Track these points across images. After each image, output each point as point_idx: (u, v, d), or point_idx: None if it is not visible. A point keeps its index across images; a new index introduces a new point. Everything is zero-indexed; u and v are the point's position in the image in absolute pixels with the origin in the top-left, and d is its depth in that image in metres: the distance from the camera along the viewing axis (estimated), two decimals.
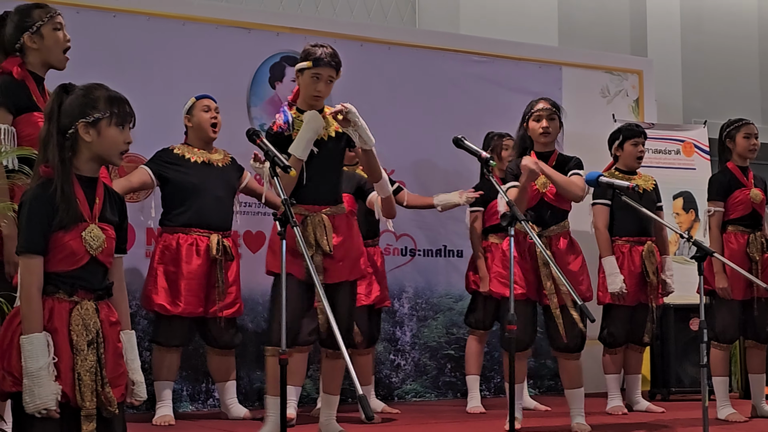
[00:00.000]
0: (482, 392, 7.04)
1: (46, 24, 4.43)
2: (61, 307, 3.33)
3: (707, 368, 4.93)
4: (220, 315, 5.81)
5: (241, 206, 6.41)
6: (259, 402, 6.71)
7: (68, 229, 3.34)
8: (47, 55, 4.45)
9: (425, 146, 7.51)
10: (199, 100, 6.02)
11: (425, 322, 7.50)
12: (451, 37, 8.14)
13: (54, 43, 4.45)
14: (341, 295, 4.94)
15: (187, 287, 5.74)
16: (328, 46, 4.97)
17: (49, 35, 4.43)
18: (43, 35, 4.42)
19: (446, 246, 7.61)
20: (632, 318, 6.59)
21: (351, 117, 4.82)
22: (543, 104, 5.63)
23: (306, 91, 4.96)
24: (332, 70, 4.92)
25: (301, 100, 5.03)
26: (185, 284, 5.74)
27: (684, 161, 8.32)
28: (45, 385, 3.19)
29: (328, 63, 4.89)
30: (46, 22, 4.43)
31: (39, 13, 4.45)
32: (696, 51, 10.46)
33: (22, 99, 4.33)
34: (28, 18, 4.44)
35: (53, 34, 4.45)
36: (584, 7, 10.02)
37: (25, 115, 4.31)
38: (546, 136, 5.60)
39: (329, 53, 4.91)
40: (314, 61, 4.87)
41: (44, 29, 4.42)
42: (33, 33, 4.41)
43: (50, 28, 4.44)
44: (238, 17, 7.09)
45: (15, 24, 4.44)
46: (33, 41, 4.42)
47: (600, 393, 6.77)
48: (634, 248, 6.55)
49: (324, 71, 4.89)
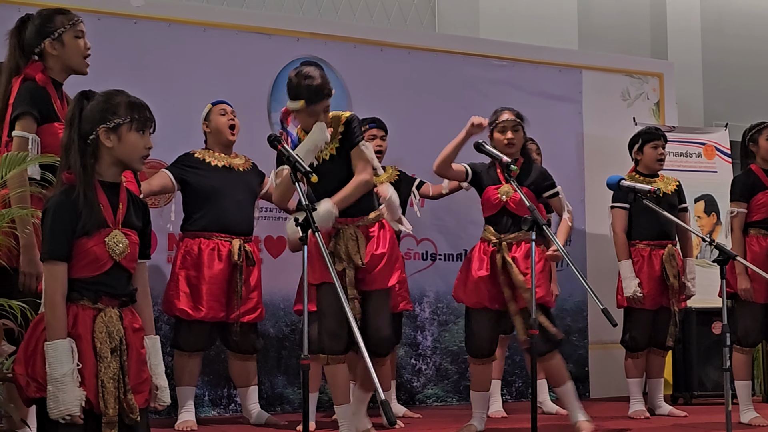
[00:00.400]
0: (503, 396, 7.03)
1: (67, 31, 4.40)
2: (85, 314, 3.35)
3: (730, 372, 4.90)
4: (241, 320, 5.81)
5: (262, 211, 6.42)
6: (281, 407, 6.73)
7: (91, 235, 3.35)
8: (68, 62, 4.42)
9: None
10: (215, 106, 6.05)
11: (446, 326, 7.49)
12: (470, 41, 8.13)
13: (75, 51, 4.42)
14: (378, 302, 4.95)
15: (209, 292, 5.75)
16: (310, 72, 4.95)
17: (70, 42, 4.40)
18: (64, 42, 4.39)
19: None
20: (654, 322, 6.57)
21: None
22: (507, 115, 5.68)
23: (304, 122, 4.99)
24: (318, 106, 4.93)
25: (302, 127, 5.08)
26: (207, 289, 5.75)
27: (705, 164, 8.28)
28: (69, 391, 3.21)
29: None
30: (68, 29, 4.40)
31: (61, 20, 4.41)
32: (717, 53, 10.42)
33: (45, 107, 4.29)
34: (49, 24, 4.40)
35: (74, 41, 4.42)
36: (604, 10, 9.99)
37: (46, 126, 4.27)
38: (511, 147, 5.62)
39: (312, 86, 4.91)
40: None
41: (65, 36, 4.39)
42: (54, 39, 4.38)
43: (71, 35, 4.41)
44: (259, 23, 7.11)
45: (36, 28, 4.40)
46: (53, 48, 4.39)
47: (622, 397, 6.76)
48: (654, 252, 6.53)
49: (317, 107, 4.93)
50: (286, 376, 6.82)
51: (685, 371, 7.38)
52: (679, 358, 7.43)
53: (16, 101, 4.27)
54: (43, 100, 4.30)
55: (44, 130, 4.27)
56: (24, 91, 4.28)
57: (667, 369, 7.28)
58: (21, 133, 4.22)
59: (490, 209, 5.62)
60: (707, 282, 7.08)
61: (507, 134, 5.61)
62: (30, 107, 4.24)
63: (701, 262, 7.78)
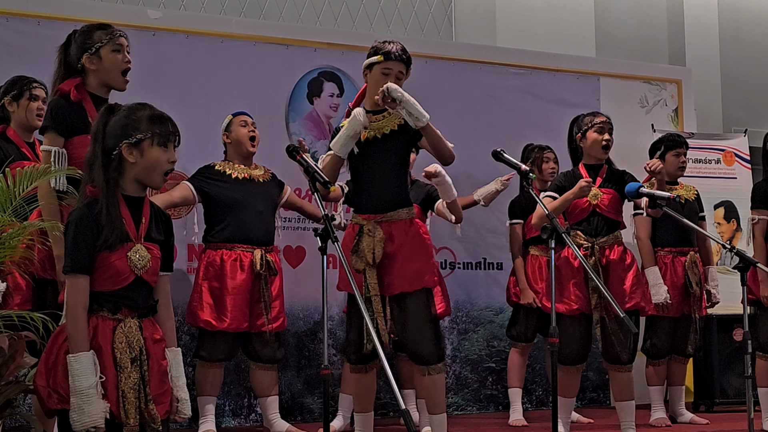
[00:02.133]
0: (524, 405, 7.01)
1: (105, 45, 4.45)
2: (104, 325, 3.37)
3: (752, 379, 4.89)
4: (268, 329, 5.81)
5: (282, 221, 6.42)
6: (301, 416, 6.73)
7: (113, 249, 3.37)
8: (106, 77, 4.47)
9: (463, 159, 7.39)
10: (235, 117, 6.05)
11: (466, 335, 7.48)
12: (488, 50, 8.13)
13: (111, 65, 4.46)
14: (405, 307, 4.63)
15: (232, 302, 5.75)
16: (398, 42, 4.75)
17: (107, 57, 4.45)
18: (101, 56, 4.44)
19: (486, 259, 7.60)
20: (675, 329, 6.55)
21: (394, 94, 4.47)
22: (604, 117, 5.71)
23: (374, 86, 4.66)
24: (402, 66, 4.68)
25: (368, 98, 4.77)
26: (230, 300, 5.75)
27: (725, 170, 8.26)
28: (94, 403, 3.22)
29: (399, 57, 4.66)
30: (105, 43, 4.45)
31: (100, 35, 4.47)
32: (735, 59, 10.40)
33: (75, 121, 4.35)
34: (89, 39, 4.46)
35: (111, 55, 4.46)
36: (621, 17, 9.99)
37: (79, 137, 4.33)
38: (607, 149, 5.65)
39: (400, 48, 4.69)
40: (385, 55, 4.65)
41: (103, 50, 4.44)
42: (92, 54, 4.44)
43: (109, 49, 4.45)
44: (276, 33, 7.12)
45: (78, 44, 4.47)
46: (92, 62, 4.44)
47: (643, 405, 6.73)
48: (677, 259, 6.51)
49: (395, 66, 4.66)
50: (307, 386, 6.82)
51: (707, 378, 7.35)
52: (700, 365, 7.40)
53: (44, 117, 4.41)
54: (71, 114, 4.36)
55: (76, 142, 4.34)
56: (51, 106, 4.39)
57: (689, 376, 7.25)
58: (44, 147, 4.35)
59: (579, 214, 5.58)
60: (728, 289, 7.05)
61: (605, 135, 5.64)
62: (53, 122, 4.34)
63: (721, 268, 7.74)
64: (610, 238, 5.56)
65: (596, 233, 5.55)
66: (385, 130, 4.70)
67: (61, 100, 4.39)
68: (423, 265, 4.65)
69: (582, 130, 5.68)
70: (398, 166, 4.74)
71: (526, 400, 7.31)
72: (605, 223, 5.57)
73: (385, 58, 4.65)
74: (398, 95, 4.46)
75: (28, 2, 6.24)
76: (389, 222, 4.67)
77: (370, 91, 4.73)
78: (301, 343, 6.83)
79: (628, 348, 5.42)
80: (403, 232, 4.67)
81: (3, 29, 6.12)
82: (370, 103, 4.74)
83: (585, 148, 5.68)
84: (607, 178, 5.64)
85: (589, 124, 5.66)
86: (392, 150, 4.72)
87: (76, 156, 4.29)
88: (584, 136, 5.67)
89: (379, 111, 4.73)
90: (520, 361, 6.71)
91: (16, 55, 6.01)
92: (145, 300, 3.47)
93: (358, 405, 4.86)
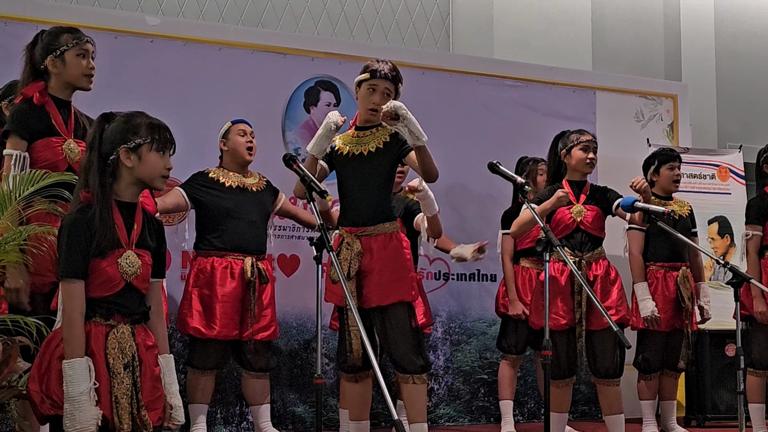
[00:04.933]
0: (516, 417, 7.01)
1: (70, 49, 4.42)
2: (97, 331, 3.37)
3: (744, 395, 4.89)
4: (255, 338, 5.80)
5: (276, 230, 6.42)
6: (293, 426, 6.72)
7: (105, 255, 3.38)
8: (68, 78, 4.46)
9: (459, 170, 7.51)
10: (235, 125, 6.04)
11: (458, 346, 7.49)
12: (485, 62, 8.15)
13: (74, 70, 4.44)
14: (385, 319, 4.73)
15: (222, 310, 5.75)
16: (390, 62, 4.90)
17: (71, 61, 4.43)
18: (65, 60, 4.43)
19: (480, 270, 7.61)
20: (667, 344, 6.55)
21: (399, 111, 4.64)
22: (589, 136, 5.77)
23: (363, 103, 4.88)
24: (389, 83, 4.83)
25: (359, 115, 4.96)
26: (220, 307, 5.75)
27: (719, 186, 8.28)
28: (86, 409, 3.22)
29: (385, 75, 4.81)
30: (70, 47, 4.42)
31: (66, 38, 4.44)
32: (731, 75, 10.43)
33: (38, 124, 4.37)
34: (55, 41, 4.44)
35: (75, 60, 4.44)
36: (618, 32, 10.02)
37: (42, 140, 4.36)
38: (592, 167, 5.75)
39: (389, 67, 4.85)
40: (371, 73, 4.82)
41: (67, 54, 4.42)
42: (56, 57, 4.42)
43: (74, 53, 4.43)
44: (274, 42, 7.13)
45: (43, 45, 4.46)
46: (54, 65, 4.42)
47: (635, 419, 6.73)
48: (669, 273, 6.51)
49: (380, 83, 4.81)
50: (299, 395, 6.82)
51: (699, 393, 7.36)
52: (692, 380, 7.41)
53: (7, 121, 4.41)
54: (34, 118, 4.37)
55: (40, 145, 4.36)
56: (14, 111, 4.40)
57: (680, 391, 7.26)
58: (7, 151, 4.35)
59: (563, 230, 5.66)
60: (721, 304, 7.06)
61: (589, 153, 5.71)
62: (15, 126, 4.36)
63: (714, 284, 7.76)
64: (594, 253, 5.64)
65: (581, 248, 5.64)
66: (371, 147, 4.86)
67: (24, 104, 4.39)
68: (399, 279, 4.77)
69: (567, 147, 5.74)
70: (381, 182, 4.87)
71: (517, 413, 7.31)
72: (589, 238, 5.66)
73: (371, 75, 4.83)
74: (403, 113, 4.63)
75: (26, 7, 6.25)
76: (369, 236, 4.80)
77: (360, 107, 4.92)
78: (294, 352, 6.83)
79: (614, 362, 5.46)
80: (382, 246, 4.79)
81: (2, 33, 6.13)
82: (362, 120, 4.92)
83: (570, 165, 5.74)
84: (591, 195, 5.72)
85: (575, 142, 5.72)
86: (376, 167, 4.85)
87: (39, 159, 4.34)
88: (569, 152, 5.73)
89: (367, 127, 4.91)
90: (511, 373, 6.71)
91: (14, 59, 6.00)
92: (136, 306, 3.47)
93: (353, 413, 4.95)
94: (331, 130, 4.78)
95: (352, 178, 4.86)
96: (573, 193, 5.68)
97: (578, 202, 5.67)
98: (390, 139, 4.85)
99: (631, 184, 5.74)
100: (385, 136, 4.85)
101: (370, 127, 4.91)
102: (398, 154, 4.85)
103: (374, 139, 4.87)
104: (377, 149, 4.84)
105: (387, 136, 4.85)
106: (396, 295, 4.73)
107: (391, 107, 4.64)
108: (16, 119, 4.36)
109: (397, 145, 4.84)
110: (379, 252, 4.77)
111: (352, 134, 4.95)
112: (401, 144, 4.84)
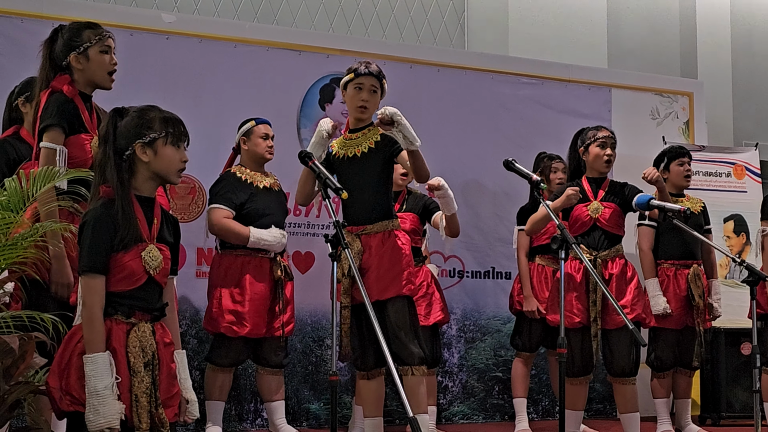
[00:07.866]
0: (530, 415, 7.00)
1: (93, 45, 4.42)
2: (118, 329, 3.38)
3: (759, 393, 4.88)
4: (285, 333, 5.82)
5: (291, 227, 6.42)
6: (308, 422, 6.73)
7: (128, 249, 3.38)
8: (91, 76, 4.44)
9: (474, 168, 7.52)
10: (258, 126, 6.01)
11: (473, 343, 7.48)
12: (500, 59, 8.14)
13: (98, 66, 4.44)
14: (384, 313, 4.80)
15: (254, 308, 5.74)
16: (372, 62, 5.03)
17: (95, 57, 4.43)
18: (89, 56, 4.42)
19: (494, 268, 7.60)
20: (679, 342, 6.53)
21: (395, 117, 4.80)
22: (607, 132, 5.74)
23: (351, 103, 5.01)
24: (373, 79, 4.96)
25: (350, 117, 5.09)
26: (251, 306, 5.75)
27: (735, 184, 8.25)
28: (110, 404, 3.24)
29: (368, 72, 4.94)
30: (93, 43, 4.42)
31: (88, 34, 4.44)
32: (747, 73, 10.39)
33: (73, 119, 4.33)
34: (77, 37, 4.43)
35: (99, 56, 4.44)
36: (634, 29, 9.99)
37: (73, 137, 4.32)
38: (609, 164, 5.70)
39: (372, 66, 4.98)
40: (355, 72, 4.95)
41: (91, 51, 4.42)
42: (79, 53, 4.41)
43: (97, 50, 4.43)
44: (289, 39, 7.14)
45: (64, 41, 4.44)
46: (78, 61, 4.41)
47: (649, 417, 6.72)
48: (680, 271, 6.48)
49: (365, 80, 4.94)
50: (313, 391, 6.83)
51: (714, 392, 7.34)
52: (707, 378, 7.39)
53: (43, 113, 4.31)
54: (70, 112, 4.34)
55: (71, 142, 4.32)
56: (52, 103, 4.32)
57: (695, 389, 7.24)
58: (48, 144, 4.26)
59: (580, 227, 5.64)
60: (736, 302, 7.04)
61: (607, 150, 5.68)
62: (58, 119, 4.28)
63: (730, 282, 7.74)
64: (611, 252, 5.60)
65: (597, 246, 5.59)
66: (363, 148, 4.99)
67: (61, 96, 4.34)
68: (396, 275, 4.89)
69: (585, 144, 5.72)
70: (378, 180, 5.00)
71: (532, 410, 7.31)
72: (606, 236, 5.61)
73: (355, 75, 4.96)
74: (398, 119, 4.80)
75: (43, 4, 6.26)
76: (368, 234, 4.93)
77: (349, 108, 5.07)
78: (309, 348, 6.84)
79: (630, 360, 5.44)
80: (380, 243, 4.92)
81: (18, 30, 6.15)
82: (353, 121, 5.07)
83: (588, 162, 5.72)
84: (609, 192, 5.67)
85: (593, 138, 5.69)
86: (370, 166, 4.99)
87: (70, 156, 4.28)
88: (587, 149, 5.70)
89: (358, 129, 5.05)
90: (524, 371, 6.70)
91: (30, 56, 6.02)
92: (156, 302, 3.48)
93: (366, 410, 5.01)
94: (324, 137, 4.97)
95: (349, 179, 4.97)
96: (591, 190, 5.65)
97: (596, 198, 5.64)
98: (381, 138, 4.99)
99: (643, 176, 5.72)
100: (376, 136, 4.99)
101: (362, 128, 5.03)
102: (390, 153, 4.98)
103: (366, 140, 5.00)
104: (369, 149, 4.98)
105: (378, 135, 4.99)
106: (393, 290, 4.85)
107: (386, 114, 4.80)
108: (59, 111, 4.29)
109: (389, 145, 4.97)
110: (377, 248, 4.90)
111: (346, 137, 5.08)
112: (392, 143, 4.97)
